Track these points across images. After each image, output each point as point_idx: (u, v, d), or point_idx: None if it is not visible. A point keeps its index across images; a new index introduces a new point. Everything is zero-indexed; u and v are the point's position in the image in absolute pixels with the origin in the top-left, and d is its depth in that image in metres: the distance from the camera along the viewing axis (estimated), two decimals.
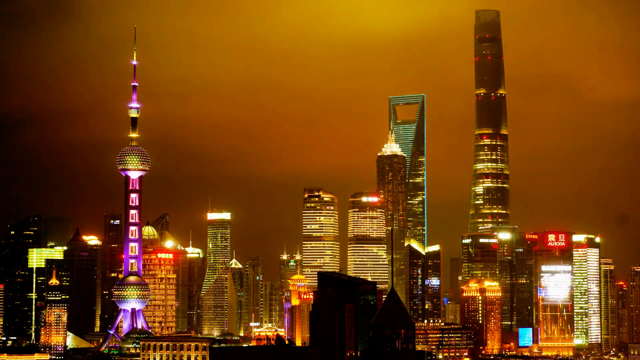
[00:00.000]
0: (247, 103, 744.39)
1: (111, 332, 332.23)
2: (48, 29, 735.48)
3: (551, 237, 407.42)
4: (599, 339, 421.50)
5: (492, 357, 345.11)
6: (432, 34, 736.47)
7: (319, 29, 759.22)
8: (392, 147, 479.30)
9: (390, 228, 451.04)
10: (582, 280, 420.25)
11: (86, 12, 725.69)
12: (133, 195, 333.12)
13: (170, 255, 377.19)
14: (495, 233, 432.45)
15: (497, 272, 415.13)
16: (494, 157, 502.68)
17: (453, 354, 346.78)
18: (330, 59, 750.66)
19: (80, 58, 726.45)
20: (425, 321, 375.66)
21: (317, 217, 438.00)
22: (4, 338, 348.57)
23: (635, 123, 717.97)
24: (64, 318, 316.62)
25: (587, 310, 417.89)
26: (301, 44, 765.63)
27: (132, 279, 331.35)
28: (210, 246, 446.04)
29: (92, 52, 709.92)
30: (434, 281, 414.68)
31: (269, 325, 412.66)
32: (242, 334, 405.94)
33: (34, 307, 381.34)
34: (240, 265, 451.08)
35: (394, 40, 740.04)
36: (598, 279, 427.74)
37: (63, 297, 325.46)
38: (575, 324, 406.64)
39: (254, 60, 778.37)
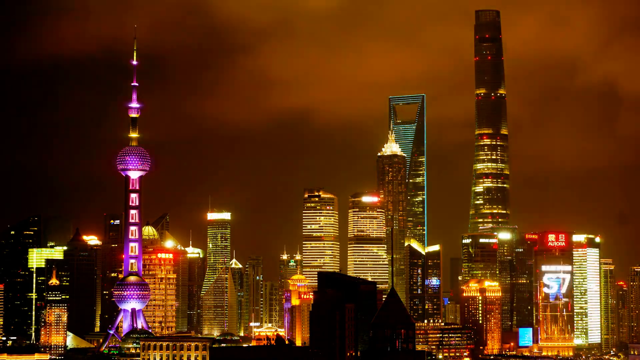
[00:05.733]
0: (248, 102, 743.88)
1: (111, 332, 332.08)
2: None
3: (551, 237, 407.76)
4: (599, 339, 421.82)
5: (492, 357, 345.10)
6: (432, 34, 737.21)
7: None
8: (392, 147, 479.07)
9: (390, 228, 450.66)
10: (582, 280, 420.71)
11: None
12: (133, 195, 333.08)
13: (170, 255, 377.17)
14: (495, 233, 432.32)
15: (497, 272, 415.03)
16: (494, 157, 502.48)
17: (453, 354, 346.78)
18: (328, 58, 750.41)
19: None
20: (425, 321, 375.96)
21: (317, 217, 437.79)
22: (4, 338, 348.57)
23: (635, 121, 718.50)
24: (64, 318, 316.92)
25: (587, 310, 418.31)
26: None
27: (132, 279, 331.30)
28: (210, 246, 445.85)
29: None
30: (434, 281, 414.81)
31: (269, 325, 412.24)
32: (242, 334, 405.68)
33: (34, 307, 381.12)
34: (240, 265, 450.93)
35: (393, 40, 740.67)
36: (598, 279, 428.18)
37: (63, 297, 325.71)
38: (575, 324, 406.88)
39: None
